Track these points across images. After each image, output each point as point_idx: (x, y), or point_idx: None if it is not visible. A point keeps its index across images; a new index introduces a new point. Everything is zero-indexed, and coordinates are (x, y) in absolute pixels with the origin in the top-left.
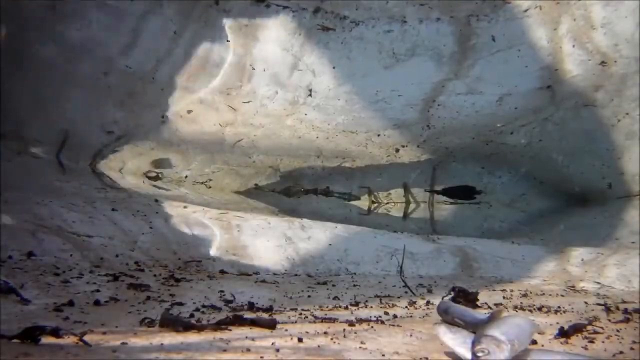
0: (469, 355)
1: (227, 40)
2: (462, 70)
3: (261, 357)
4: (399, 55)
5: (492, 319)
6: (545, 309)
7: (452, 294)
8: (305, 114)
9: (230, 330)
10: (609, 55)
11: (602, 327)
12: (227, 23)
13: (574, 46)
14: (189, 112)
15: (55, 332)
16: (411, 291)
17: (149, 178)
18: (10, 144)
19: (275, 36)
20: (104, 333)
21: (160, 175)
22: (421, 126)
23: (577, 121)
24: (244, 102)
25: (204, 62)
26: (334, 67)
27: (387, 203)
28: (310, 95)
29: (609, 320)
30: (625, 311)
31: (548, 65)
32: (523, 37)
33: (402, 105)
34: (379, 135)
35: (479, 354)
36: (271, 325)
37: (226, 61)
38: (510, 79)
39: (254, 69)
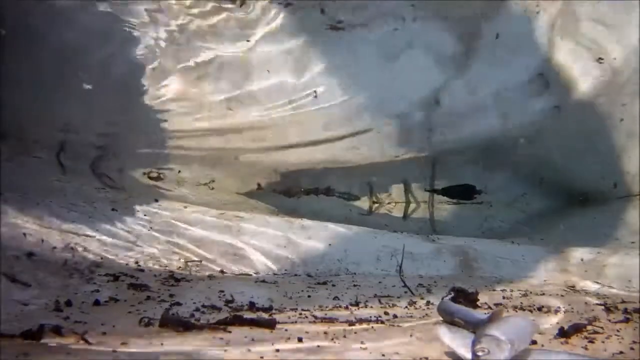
0: (469, 355)
1: (227, 41)
2: (462, 71)
3: (261, 357)
4: (397, 55)
5: (492, 319)
6: (545, 309)
7: (452, 294)
8: (307, 114)
9: (229, 330)
10: (609, 54)
11: (602, 327)
12: (228, 23)
13: (574, 45)
14: (189, 111)
15: (56, 331)
16: (410, 291)
17: (151, 178)
18: (11, 144)
19: (276, 36)
20: (104, 333)
21: (161, 175)
22: (421, 126)
23: (577, 120)
24: (245, 103)
25: (204, 63)
26: (336, 68)
27: (388, 203)
28: (315, 96)
29: (609, 320)
30: (625, 311)
31: (548, 66)
32: (524, 37)
33: (402, 104)
34: (379, 134)
35: (479, 354)
36: (271, 325)
37: (226, 62)
38: (510, 79)
39: (256, 70)
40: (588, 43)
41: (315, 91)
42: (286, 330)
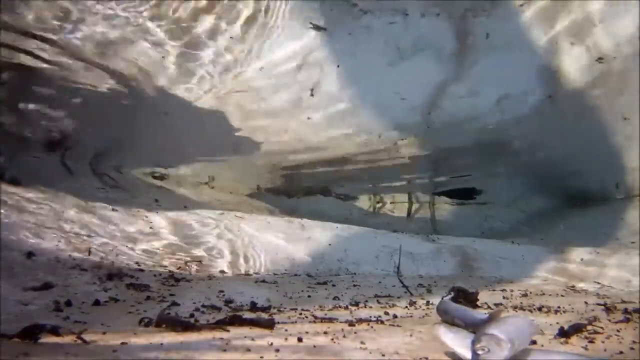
0: (469, 355)
1: (229, 39)
2: (462, 69)
3: (261, 357)
4: (402, 51)
5: (492, 318)
6: (545, 309)
7: (452, 294)
8: (308, 114)
9: (228, 330)
10: (607, 53)
11: (602, 327)
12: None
13: (572, 44)
14: (190, 112)
15: (55, 331)
16: (409, 291)
17: (155, 178)
18: (11, 144)
19: (279, 33)
20: (104, 333)
21: (165, 175)
22: (422, 126)
23: (577, 121)
24: (245, 102)
25: (206, 62)
26: (338, 66)
27: (391, 202)
28: (312, 95)
29: (609, 320)
30: (625, 311)
31: (546, 64)
32: (521, 35)
33: (403, 104)
34: (380, 135)
35: (479, 352)
36: (270, 325)
37: (228, 60)
38: (509, 78)
39: (259, 68)
40: (587, 40)
41: (312, 89)
42: (286, 330)
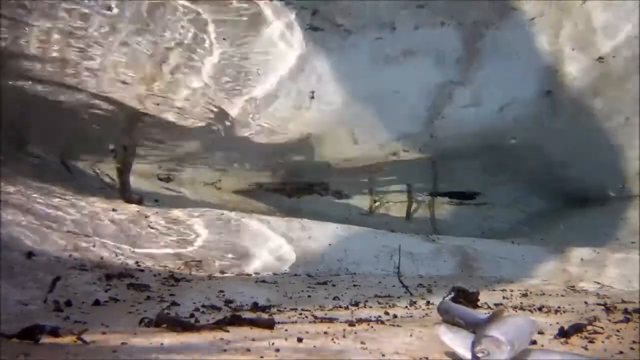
0: (469, 355)
1: (224, 39)
2: (465, 75)
3: (261, 357)
4: (398, 57)
5: (492, 319)
6: (545, 309)
7: (453, 294)
8: (307, 115)
9: (228, 330)
10: (608, 56)
11: (602, 327)
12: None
13: (573, 49)
14: (190, 112)
15: (55, 332)
16: (408, 291)
17: (160, 179)
18: (11, 144)
19: (277, 37)
20: (104, 333)
21: (171, 176)
22: (422, 127)
23: (577, 123)
24: (245, 101)
25: (208, 62)
26: (335, 70)
27: (387, 202)
28: (312, 97)
29: (609, 320)
30: (625, 311)
31: (549, 69)
32: (526, 43)
33: (403, 105)
34: (379, 136)
35: (479, 355)
36: (269, 325)
37: (229, 61)
38: (512, 83)
39: (257, 70)
40: (586, 43)
41: (312, 92)
42: (286, 330)
